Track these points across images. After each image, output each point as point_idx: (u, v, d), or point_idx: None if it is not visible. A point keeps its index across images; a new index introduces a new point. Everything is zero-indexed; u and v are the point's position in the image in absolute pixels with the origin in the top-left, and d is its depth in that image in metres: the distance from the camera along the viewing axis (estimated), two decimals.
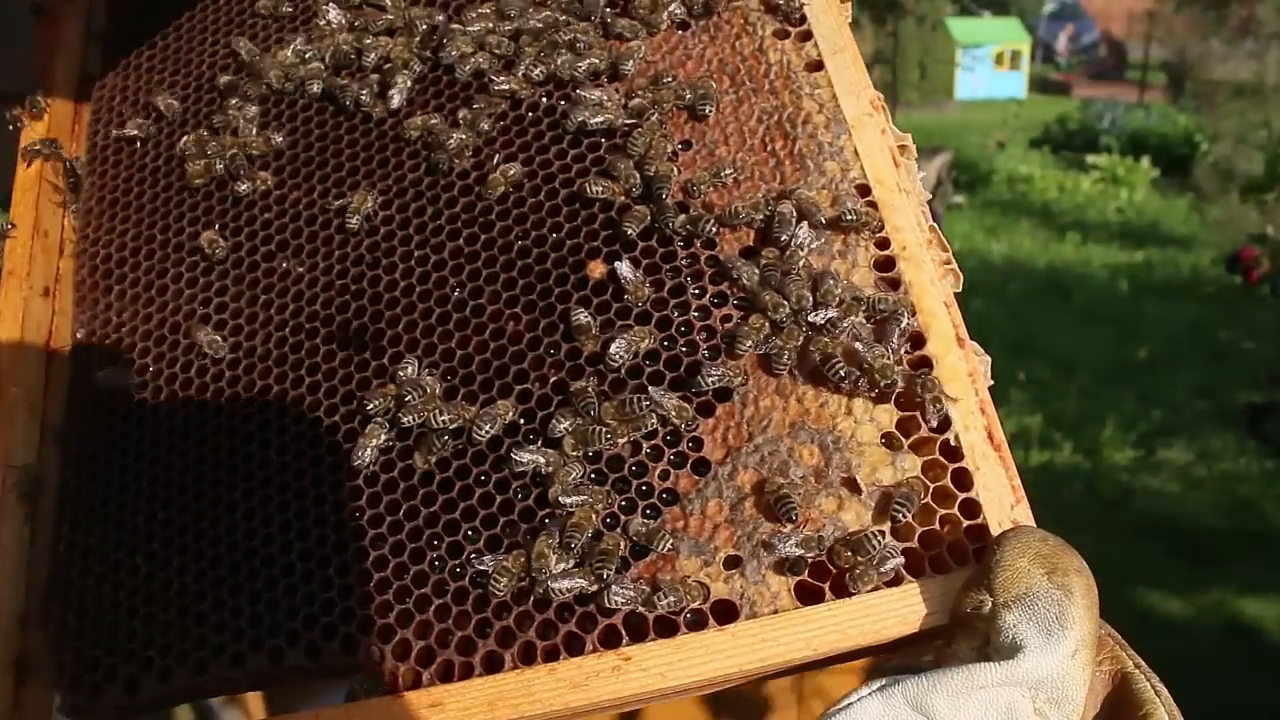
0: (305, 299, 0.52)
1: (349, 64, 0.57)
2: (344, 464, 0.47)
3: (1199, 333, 4.55)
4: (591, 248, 0.50)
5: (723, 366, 0.46)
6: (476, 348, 0.49)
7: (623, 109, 0.52)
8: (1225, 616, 2.60)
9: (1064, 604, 0.37)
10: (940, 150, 2.52)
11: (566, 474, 0.45)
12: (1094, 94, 11.70)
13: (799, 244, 0.48)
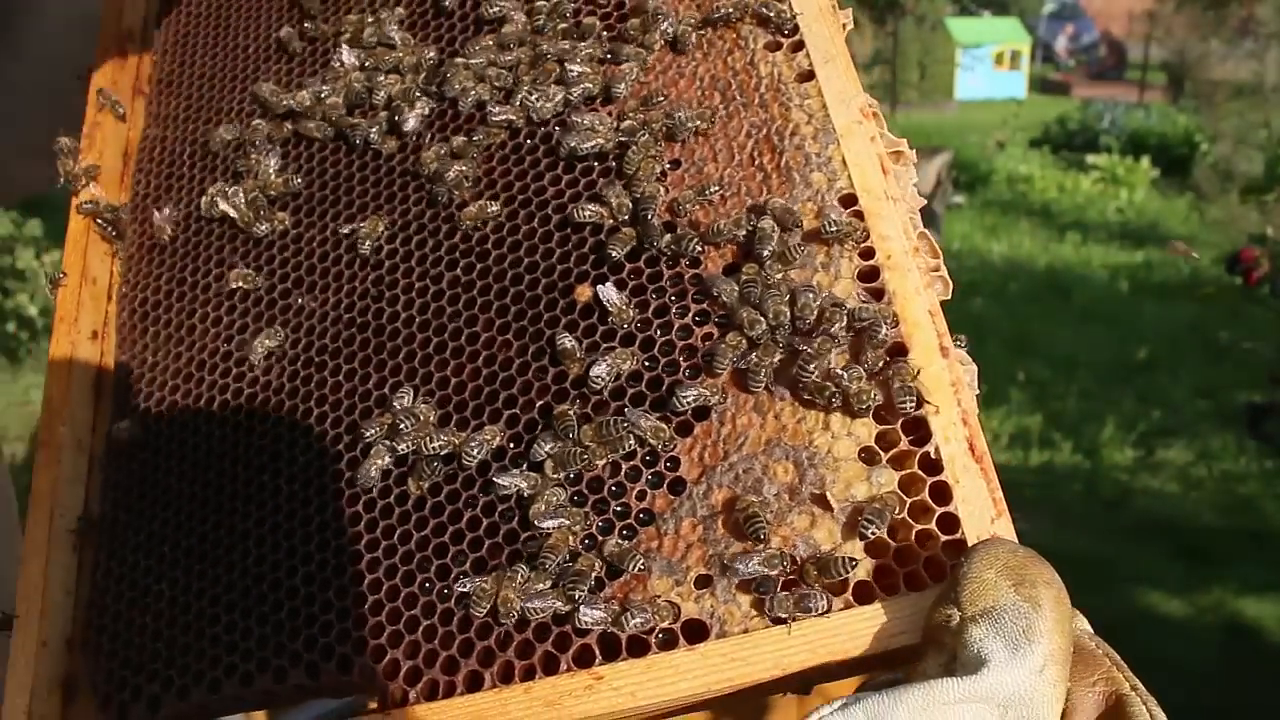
0: (315, 333, 0.54)
1: (361, 103, 0.59)
2: (346, 491, 0.49)
3: (1199, 333, 4.55)
4: (580, 272, 0.50)
5: (699, 386, 0.46)
6: (470, 375, 0.50)
7: (614, 132, 0.53)
8: (1225, 617, 2.60)
9: (1031, 617, 0.36)
10: (940, 150, 2.52)
11: (546, 497, 0.45)
12: (1094, 94, 11.71)
13: (765, 256, 0.48)
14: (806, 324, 0.46)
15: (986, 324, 4.70)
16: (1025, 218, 6.85)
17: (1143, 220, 6.82)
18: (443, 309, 0.52)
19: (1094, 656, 0.38)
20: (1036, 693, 0.35)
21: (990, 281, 5.47)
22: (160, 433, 0.55)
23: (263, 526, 0.50)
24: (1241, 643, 2.49)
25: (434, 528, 0.47)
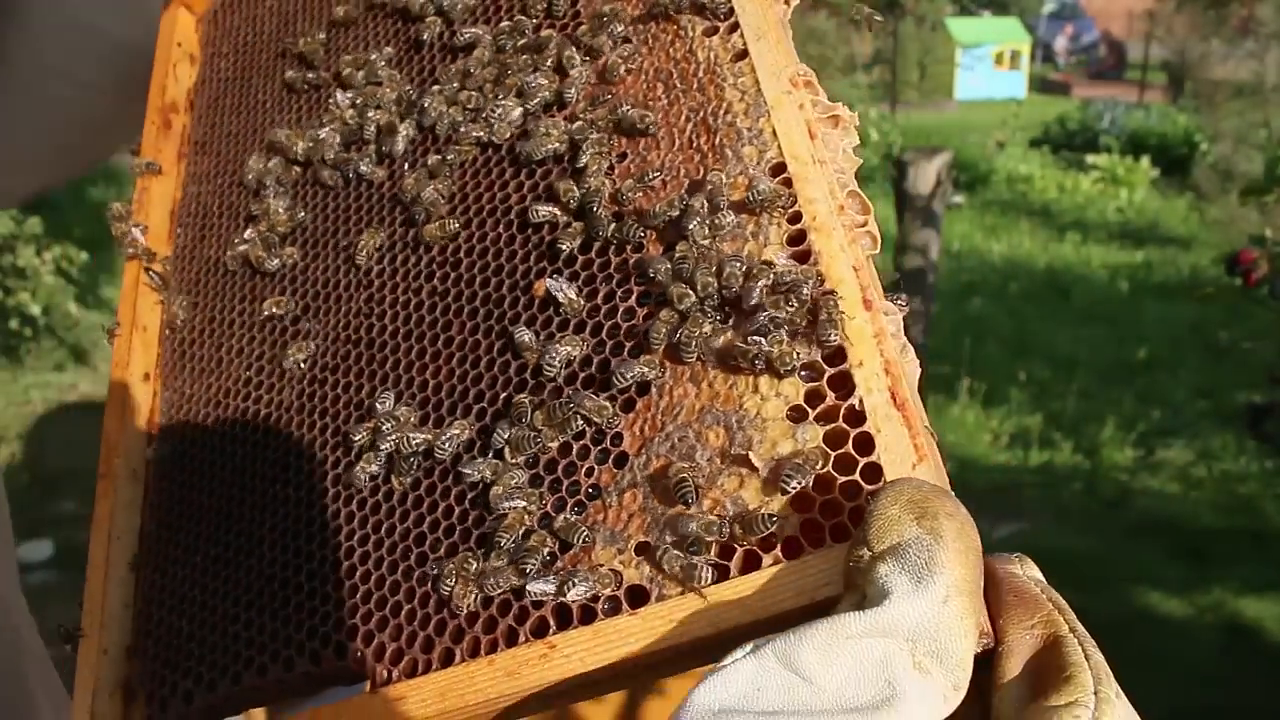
0: (319, 353, 0.60)
1: (354, 139, 0.66)
2: (341, 492, 0.55)
3: (1199, 333, 4.55)
4: (538, 269, 0.54)
5: (638, 363, 0.48)
6: (445, 376, 0.54)
7: (565, 134, 0.57)
8: (1225, 616, 2.60)
9: (933, 549, 0.35)
10: (940, 150, 2.50)
11: (504, 480, 0.49)
12: (1094, 94, 11.71)
13: (691, 233, 0.50)
14: (733, 292, 0.47)
15: (986, 324, 4.70)
16: (1025, 218, 6.85)
17: (1142, 220, 6.82)
18: (422, 318, 0.57)
19: (1035, 600, 0.37)
20: (942, 624, 0.35)
21: (990, 281, 5.47)
22: (191, 454, 0.63)
23: (275, 531, 0.56)
24: (1241, 643, 2.49)
25: (414, 519, 0.52)
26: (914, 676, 0.34)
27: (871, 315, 0.45)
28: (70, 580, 2.63)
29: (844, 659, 0.35)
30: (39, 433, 3.50)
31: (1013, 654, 0.36)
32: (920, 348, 2.71)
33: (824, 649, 0.35)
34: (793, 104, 0.51)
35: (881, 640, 0.35)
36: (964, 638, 0.35)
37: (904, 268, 2.69)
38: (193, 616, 0.56)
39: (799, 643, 0.35)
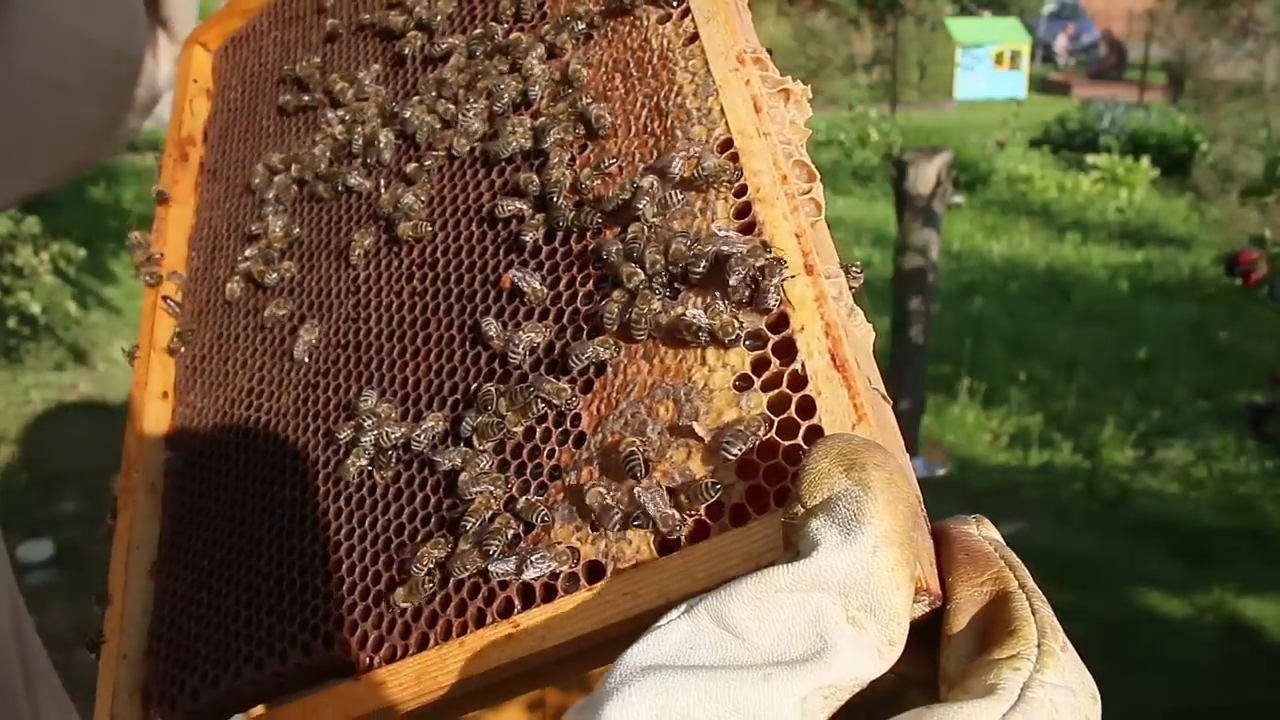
0: (314, 358, 0.63)
1: (343, 153, 0.69)
2: (330, 490, 0.57)
3: (1199, 333, 4.55)
4: (506, 262, 0.56)
5: (592, 344, 0.50)
6: (424, 371, 0.57)
7: (529, 131, 0.59)
8: (1225, 616, 2.60)
9: (861, 499, 0.35)
10: (940, 150, 2.49)
11: (471, 467, 0.51)
12: (1094, 94, 11.70)
13: (640, 212, 0.51)
14: (679, 268, 0.48)
15: (986, 324, 4.70)
16: (1025, 218, 6.85)
17: (1142, 220, 6.82)
18: (404, 318, 0.59)
19: (986, 557, 0.37)
20: (873, 575, 0.34)
21: (990, 281, 5.46)
22: (200, 463, 0.66)
23: (273, 531, 0.59)
24: (1242, 642, 2.49)
25: (394, 510, 0.54)
26: (847, 630, 0.34)
27: (813, 280, 0.46)
28: (70, 580, 2.63)
29: (776, 614, 0.34)
30: (39, 433, 3.49)
31: (960, 610, 0.36)
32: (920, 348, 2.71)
33: (754, 604, 0.34)
34: (739, 81, 0.52)
35: (814, 594, 0.34)
36: (896, 590, 0.34)
37: (904, 268, 2.69)
38: (200, 617, 0.58)
39: (729, 599, 0.34)
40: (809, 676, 0.33)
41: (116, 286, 5.11)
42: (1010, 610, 0.35)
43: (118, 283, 5.16)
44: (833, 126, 8.83)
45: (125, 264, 5.53)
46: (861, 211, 7.20)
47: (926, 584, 0.36)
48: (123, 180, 7.02)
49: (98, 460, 3.32)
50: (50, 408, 3.67)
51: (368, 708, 0.49)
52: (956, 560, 0.37)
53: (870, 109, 8.71)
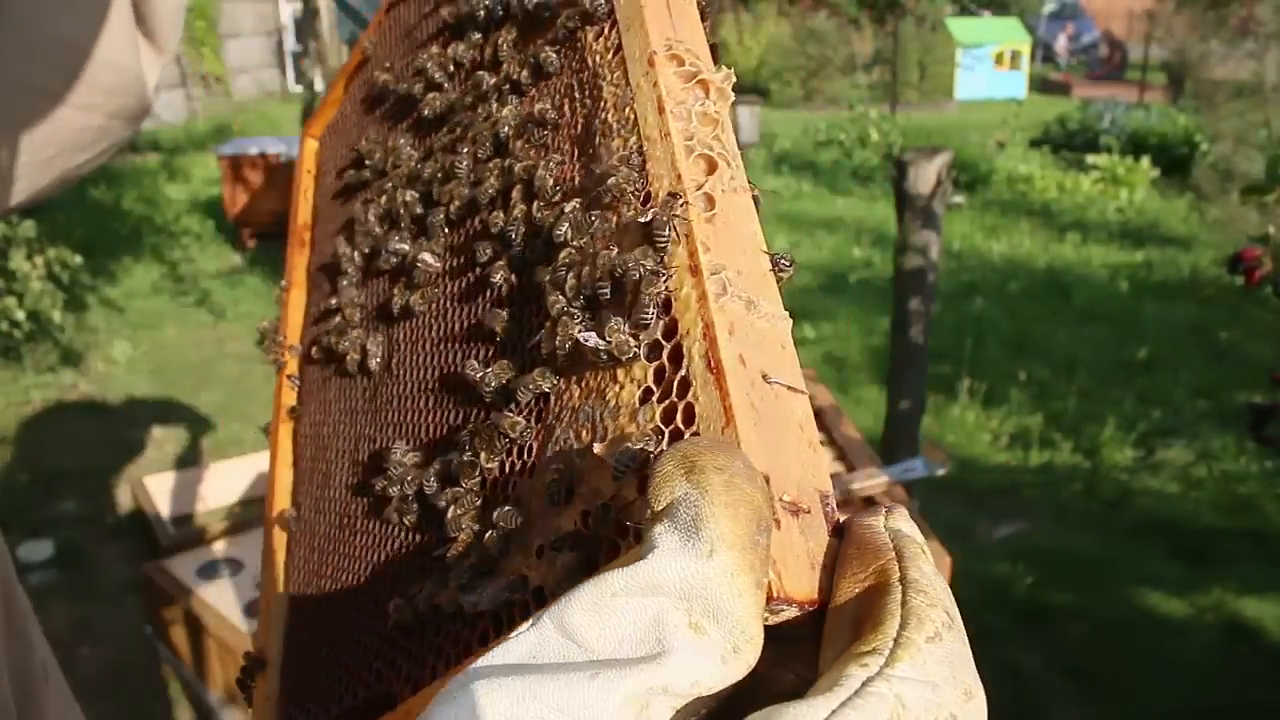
0: (364, 419, 0.68)
1: (388, 220, 0.72)
2: (380, 540, 0.61)
3: (1199, 333, 4.54)
4: (485, 304, 0.58)
5: (532, 376, 0.50)
6: (437, 419, 0.59)
7: (500, 173, 0.60)
8: (1225, 616, 2.60)
9: (699, 504, 0.34)
10: (940, 150, 2.49)
11: (458, 505, 0.52)
12: (1094, 94, 11.69)
13: (560, 237, 0.51)
14: (589, 290, 0.48)
15: (986, 324, 4.69)
16: (1025, 218, 6.84)
17: (1143, 220, 6.81)
18: (425, 370, 0.62)
19: (875, 550, 0.36)
20: (710, 581, 0.33)
21: (990, 281, 5.46)
22: (305, 520, 0.72)
23: (349, 583, 0.64)
24: (1242, 643, 2.49)
25: (414, 551, 0.56)
26: (688, 635, 0.33)
27: (696, 280, 0.44)
28: (70, 581, 2.62)
29: (617, 619, 0.33)
30: (39, 433, 3.49)
31: (840, 608, 0.35)
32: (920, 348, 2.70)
33: (592, 609, 0.33)
34: (648, 83, 0.51)
35: (654, 599, 0.33)
36: (738, 596, 0.33)
37: (904, 268, 2.68)
38: (315, 659, 0.65)
39: (569, 605, 0.34)
40: (637, 676, 0.32)
41: (116, 288, 5.11)
42: (880, 604, 0.34)
43: (117, 282, 5.16)
44: (833, 126, 8.81)
45: (126, 264, 5.53)
46: (861, 211, 7.19)
47: (784, 591, 0.34)
48: (124, 181, 7.02)
49: (98, 460, 3.32)
50: (50, 407, 3.67)
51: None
52: (846, 556, 0.37)
53: (870, 109, 8.68)
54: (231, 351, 4.38)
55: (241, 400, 3.75)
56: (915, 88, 12.34)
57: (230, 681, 1.97)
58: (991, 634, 2.43)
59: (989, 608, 2.56)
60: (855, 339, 4.51)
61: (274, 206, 5.54)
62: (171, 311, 4.87)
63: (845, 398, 3.79)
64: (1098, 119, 8.78)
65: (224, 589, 2.14)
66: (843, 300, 5.06)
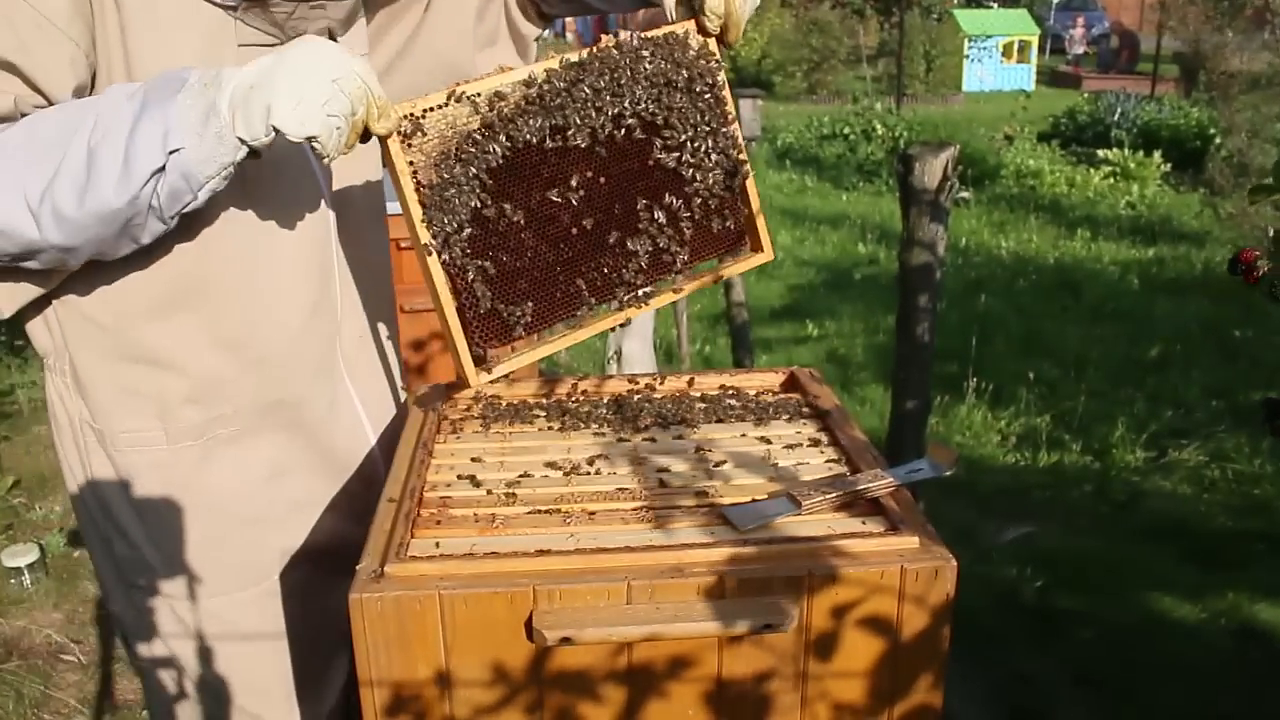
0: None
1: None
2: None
3: (1212, 331, 4.45)
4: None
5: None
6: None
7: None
8: (1239, 620, 2.52)
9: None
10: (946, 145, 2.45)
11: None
12: (1105, 86, 11.53)
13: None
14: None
15: (994, 322, 4.61)
16: (1034, 213, 6.74)
17: (1154, 215, 6.70)
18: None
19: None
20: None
21: (998, 278, 5.37)
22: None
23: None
24: (1256, 647, 2.42)
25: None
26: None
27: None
28: (55, 586, 2.58)
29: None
30: (24, 434, 3.45)
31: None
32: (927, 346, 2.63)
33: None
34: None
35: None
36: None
37: (910, 264, 2.61)
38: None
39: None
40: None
41: None
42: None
43: None
44: (837, 120, 8.72)
45: None
46: (866, 207, 7.11)
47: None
48: None
49: None
50: (36, 409, 3.63)
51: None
52: None
53: (875, 102, 8.58)
54: None
55: None
56: (921, 80, 12.20)
57: None
58: (999, 638, 2.37)
59: (997, 612, 2.49)
60: (860, 337, 4.45)
61: None
62: None
63: (849, 397, 3.73)
64: (1108, 112, 8.65)
65: None
66: (847, 297, 4.99)
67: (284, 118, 0.75)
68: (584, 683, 0.78)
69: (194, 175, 0.77)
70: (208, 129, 0.75)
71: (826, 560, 0.80)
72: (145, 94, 0.77)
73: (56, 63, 0.78)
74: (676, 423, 1.07)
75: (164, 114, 0.75)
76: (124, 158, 0.75)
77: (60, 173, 0.75)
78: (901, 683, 0.82)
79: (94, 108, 0.78)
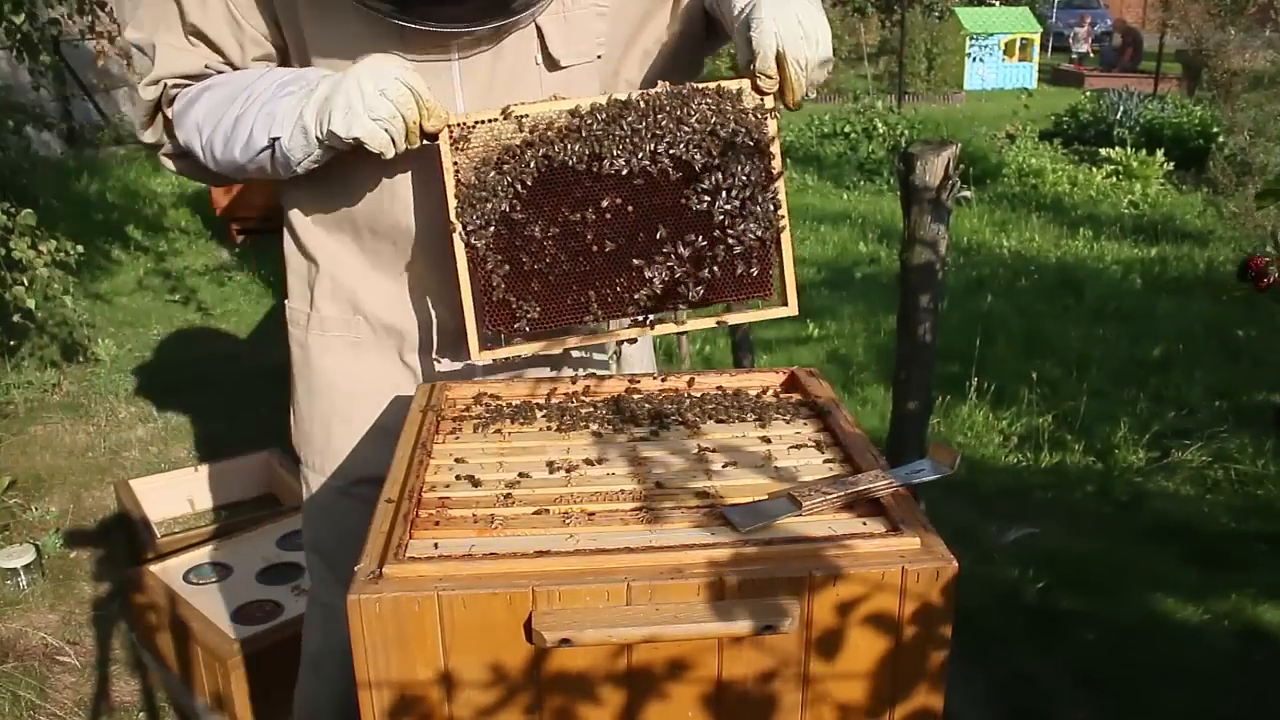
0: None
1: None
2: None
3: (1215, 331, 4.44)
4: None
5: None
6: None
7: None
8: (1242, 622, 2.51)
9: None
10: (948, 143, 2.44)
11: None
12: (1107, 84, 11.50)
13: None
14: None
15: (996, 321, 4.60)
16: (1036, 212, 6.73)
17: (1157, 215, 6.68)
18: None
19: None
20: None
21: (1000, 278, 5.36)
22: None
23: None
24: (1259, 649, 2.41)
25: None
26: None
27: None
28: (51, 588, 2.58)
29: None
30: (21, 434, 3.45)
31: None
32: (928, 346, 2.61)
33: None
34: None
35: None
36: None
37: (911, 263, 2.60)
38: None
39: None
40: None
41: (111, 279, 5.08)
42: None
43: (102, 278, 5.12)
44: (838, 119, 8.71)
45: (109, 260, 5.50)
46: (868, 206, 7.09)
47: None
48: (107, 173, 6.99)
49: (82, 462, 3.28)
50: (33, 408, 3.63)
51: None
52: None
53: (876, 100, 8.56)
54: (220, 351, 4.33)
55: (229, 401, 3.70)
56: (923, 79, 12.17)
57: (216, 688, 1.92)
58: (1001, 640, 2.36)
59: (998, 613, 2.49)
60: (861, 337, 4.44)
61: (263, 201, 5.44)
62: (157, 309, 4.83)
63: (850, 397, 3.72)
64: (1111, 110, 8.63)
65: (211, 594, 2.10)
66: (848, 297, 4.98)
67: (336, 123, 0.94)
68: (583, 684, 0.78)
69: (290, 157, 1.01)
70: (296, 126, 0.98)
71: (827, 561, 0.79)
72: (280, 85, 1.01)
73: (236, 40, 1.05)
74: (676, 423, 1.07)
75: (274, 108, 1.00)
76: (249, 133, 1.01)
77: (217, 128, 1.04)
78: (903, 684, 0.81)
79: (252, 85, 1.03)
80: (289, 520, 2.38)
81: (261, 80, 1.03)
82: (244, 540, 2.30)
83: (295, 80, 1.01)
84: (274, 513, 2.53)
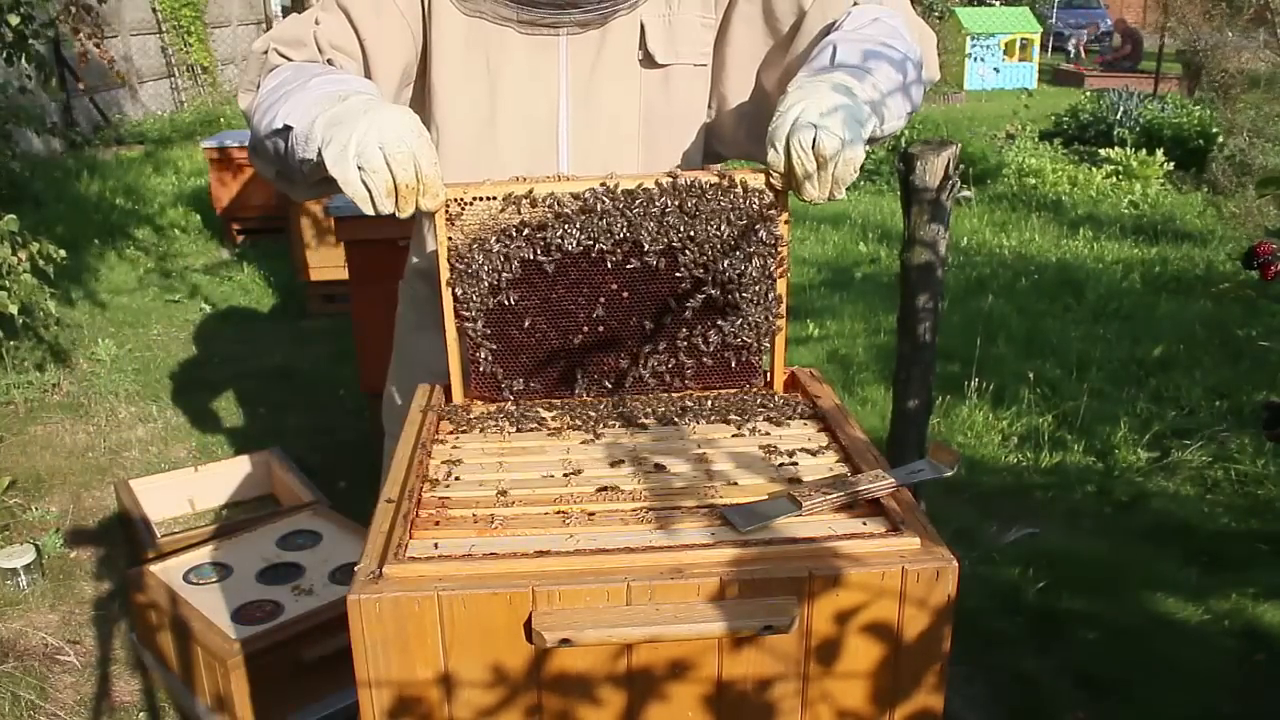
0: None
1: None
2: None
3: (1215, 330, 4.44)
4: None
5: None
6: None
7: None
8: (1243, 623, 2.51)
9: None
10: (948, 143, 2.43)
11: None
12: (1107, 84, 11.50)
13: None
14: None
15: (996, 321, 4.60)
16: (1036, 212, 6.73)
17: (1157, 215, 6.68)
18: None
19: None
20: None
21: (1000, 278, 5.36)
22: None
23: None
24: (1259, 650, 2.41)
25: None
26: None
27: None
28: (51, 588, 2.58)
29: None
30: (20, 434, 3.45)
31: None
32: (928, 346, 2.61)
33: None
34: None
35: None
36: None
37: (911, 264, 2.60)
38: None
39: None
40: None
41: (100, 283, 5.06)
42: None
43: (101, 278, 5.11)
44: None
45: (109, 259, 5.49)
46: (868, 206, 7.09)
47: None
48: (107, 173, 6.98)
49: (81, 462, 3.28)
50: (32, 408, 3.63)
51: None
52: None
53: None
54: (220, 351, 4.33)
55: (229, 401, 3.70)
56: None
57: (216, 688, 1.92)
58: (1001, 640, 2.36)
59: (998, 613, 2.48)
60: (861, 337, 4.43)
61: (263, 200, 5.47)
62: (157, 308, 4.82)
63: (850, 397, 3.72)
64: (1111, 110, 8.62)
65: (212, 594, 2.09)
66: (848, 297, 4.98)
67: (327, 153, 0.92)
68: (583, 685, 0.78)
69: (294, 151, 1.00)
70: (307, 128, 0.98)
71: (827, 561, 0.79)
72: (328, 81, 1.02)
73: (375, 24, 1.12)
74: (676, 423, 1.07)
75: (306, 98, 1.01)
76: (279, 110, 1.03)
77: (269, 95, 1.06)
78: (903, 684, 0.81)
79: (313, 73, 1.05)
80: (289, 520, 2.38)
81: (324, 74, 1.04)
82: (244, 540, 2.30)
83: (341, 84, 1.00)
84: (274, 513, 2.53)
